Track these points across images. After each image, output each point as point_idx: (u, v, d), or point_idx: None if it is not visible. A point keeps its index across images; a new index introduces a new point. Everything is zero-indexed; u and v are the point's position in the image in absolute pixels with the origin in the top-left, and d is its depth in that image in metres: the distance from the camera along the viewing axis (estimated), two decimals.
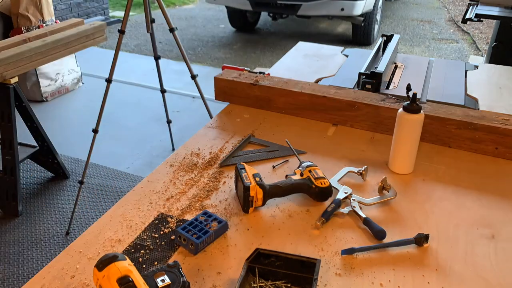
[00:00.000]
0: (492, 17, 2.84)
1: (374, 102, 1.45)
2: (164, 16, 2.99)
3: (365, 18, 5.75)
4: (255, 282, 0.87)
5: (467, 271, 0.92)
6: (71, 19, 2.92)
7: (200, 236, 0.95)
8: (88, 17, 6.60)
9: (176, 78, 4.70)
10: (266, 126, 1.50)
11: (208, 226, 0.98)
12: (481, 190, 1.18)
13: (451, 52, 5.98)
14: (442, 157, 1.34)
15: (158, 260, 0.93)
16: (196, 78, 3.19)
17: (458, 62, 2.13)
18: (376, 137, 1.45)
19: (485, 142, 1.33)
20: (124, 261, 0.74)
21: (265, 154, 1.33)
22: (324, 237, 1.00)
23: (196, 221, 1.00)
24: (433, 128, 1.38)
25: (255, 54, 5.79)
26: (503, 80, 1.91)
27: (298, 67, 2.04)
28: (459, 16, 7.43)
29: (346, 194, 1.11)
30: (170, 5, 8.33)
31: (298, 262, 0.87)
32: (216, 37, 6.48)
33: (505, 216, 1.09)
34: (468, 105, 1.62)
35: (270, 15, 6.28)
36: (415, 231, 1.00)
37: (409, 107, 1.19)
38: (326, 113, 1.52)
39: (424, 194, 1.16)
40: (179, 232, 0.96)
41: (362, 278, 0.89)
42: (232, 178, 1.20)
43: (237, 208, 1.09)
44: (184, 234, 0.96)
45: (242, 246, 0.97)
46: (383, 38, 2.11)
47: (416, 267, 0.92)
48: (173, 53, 5.67)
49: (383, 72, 1.66)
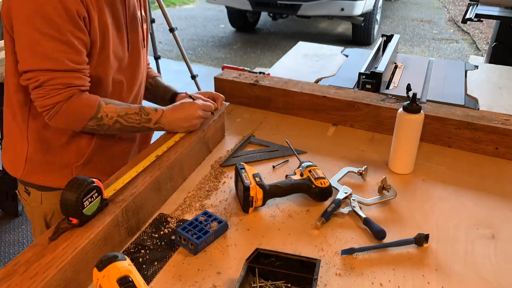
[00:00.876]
0: (492, 17, 2.84)
1: (374, 102, 1.45)
2: (164, 16, 2.99)
3: (365, 18, 5.75)
4: (255, 282, 0.87)
5: (467, 271, 0.92)
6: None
7: (200, 236, 0.95)
8: None
9: (176, 78, 4.70)
10: (266, 126, 1.50)
11: (208, 226, 0.98)
12: (481, 190, 1.18)
13: (451, 52, 5.98)
14: (442, 157, 1.34)
15: (158, 260, 0.93)
16: (196, 78, 3.19)
17: (458, 62, 2.13)
18: (376, 137, 1.45)
19: (485, 142, 1.33)
20: (124, 261, 0.74)
21: (265, 154, 1.33)
22: (324, 237, 1.00)
23: (196, 221, 0.99)
24: (433, 128, 1.38)
25: (255, 54, 5.80)
26: (503, 80, 1.91)
27: (298, 67, 2.04)
28: (459, 16, 7.43)
29: (346, 194, 1.11)
30: (170, 5, 8.33)
31: (298, 262, 0.87)
32: (216, 37, 6.48)
33: (505, 216, 1.09)
34: (468, 105, 1.62)
35: (270, 15, 6.29)
36: (415, 231, 1.00)
37: (409, 107, 1.19)
38: (326, 113, 1.52)
39: (424, 194, 1.16)
40: (179, 232, 0.96)
41: (362, 278, 0.89)
42: (232, 178, 1.20)
43: (237, 208, 1.09)
44: (184, 234, 0.95)
45: (242, 246, 0.97)
46: (383, 38, 2.11)
47: (416, 267, 0.92)
48: (173, 53, 5.67)
49: (383, 72, 1.66)
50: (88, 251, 0.85)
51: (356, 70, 1.75)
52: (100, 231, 0.88)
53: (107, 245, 0.91)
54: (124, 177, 1.04)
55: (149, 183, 1.04)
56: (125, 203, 0.96)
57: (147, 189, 1.03)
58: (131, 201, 0.97)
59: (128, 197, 0.98)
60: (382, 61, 1.80)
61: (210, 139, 1.32)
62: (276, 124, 1.52)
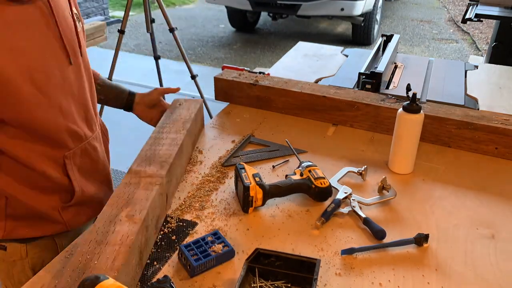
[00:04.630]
0: (492, 17, 2.84)
1: (374, 102, 1.45)
2: (164, 16, 2.99)
3: (365, 18, 5.75)
4: (255, 282, 0.87)
5: (467, 271, 0.92)
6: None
7: (199, 258, 0.88)
8: (88, 17, 6.61)
9: (176, 78, 4.71)
10: (266, 126, 1.50)
11: (211, 248, 0.90)
12: (481, 190, 1.18)
13: (451, 52, 5.98)
14: (442, 157, 1.34)
15: (158, 260, 0.93)
16: (196, 78, 3.19)
17: (458, 62, 2.13)
18: (376, 137, 1.45)
19: (485, 142, 1.33)
20: (107, 280, 0.67)
21: (265, 154, 1.33)
22: (324, 237, 1.00)
23: (203, 240, 0.92)
24: (433, 128, 1.38)
25: (255, 54, 5.80)
26: (503, 80, 1.91)
27: (298, 67, 2.04)
28: (459, 16, 7.43)
29: (346, 194, 1.11)
30: (170, 5, 8.33)
31: (298, 262, 0.87)
32: (216, 37, 6.48)
33: (505, 216, 1.09)
34: (468, 105, 1.62)
35: (270, 15, 6.28)
36: (415, 231, 1.00)
37: (409, 107, 1.19)
38: (326, 113, 1.52)
39: (424, 194, 1.16)
40: (181, 250, 0.90)
41: (362, 278, 0.89)
42: (232, 178, 1.20)
43: (237, 208, 1.09)
44: (185, 252, 0.88)
45: (242, 246, 0.97)
46: (383, 38, 2.11)
47: (416, 267, 0.92)
48: (173, 53, 5.67)
49: (383, 72, 1.66)
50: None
51: (356, 70, 1.75)
52: None
53: None
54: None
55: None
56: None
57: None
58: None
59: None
60: (382, 61, 1.80)
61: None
62: (276, 124, 1.52)
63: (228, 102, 1.66)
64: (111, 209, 0.93)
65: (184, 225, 1.03)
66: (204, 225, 1.03)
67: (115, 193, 0.98)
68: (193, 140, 1.35)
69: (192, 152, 1.32)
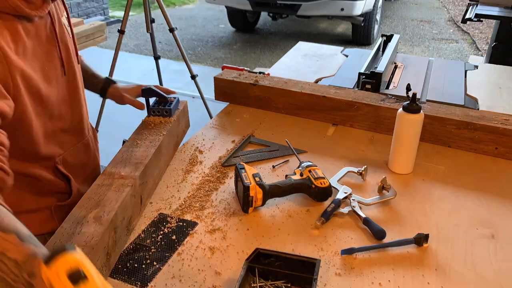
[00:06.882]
0: (492, 17, 2.84)
1: (374, 102, 1.45)
2: (164, 16, 2.99)
3: (365, 18, 5.75)
4: (255, 282, 0.87)
5: (467, 271, 0.92)
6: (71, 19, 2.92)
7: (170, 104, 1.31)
8: (88, 17, 6.61)
9: (176, 78, 4.70)
10: (266, 126, 1.50)
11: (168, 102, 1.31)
12: (481, 190, 1.18)
13: (451, 52, 5.98)
14: (442, 157, 1.34)
15: (158, 260, 0.93)
16: (196, 78, 3.19)
17: (458, 62, 2.13)
18: (376, 137, 1.45)
19: (485, 142, 1.33)
20: (74, 251, 0.61)
21: (265, 154, 1.33)
22: (324, 237, 1.00)
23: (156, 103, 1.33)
24: (433, 128, 1.38)
25: (255, 54, 5.80)
26: (503, 80, 1.91)
27: (298, 67, 2.04)
28: (459, 16, 7.43)
29: (346, 194, 1.11)
30: (170, 5, 8.33)
31: (298, 262, 0.87)
32: (216, 37, 6.48)
33: (505, 216, 1.09)
34: (468, 105, 1.62)
35: (270, 15, 6.29)
36: (415, 231, 1.00)
37: (409, 107, 1.19)
38: (326, 113, 1.52)
39: (424, 194, 1.16)
40: (152, 108, 1.30)
41: (362, 278, 0.89)
42: (232, 178, 1.20)
43: (237, 208, 1.09)
44: (159, 108, 1.30)
45: (242, 246, 0.97)
46: (383, 38, 2.11)
47: (415, 267, 0.92)
48: (173, 53, 5.67)
49: (383, 72, 1.66)
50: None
51: (356, 70, 1.75)
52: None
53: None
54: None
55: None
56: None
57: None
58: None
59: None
60: (382, 61, 1.81)
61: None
62: (276, 124, 1.52)
63: (228, 102, 1.66)
64: (80, 211, 0.92)
65: (184, 225, 1.03)
66: (204, 225, 1.03)
67: (86, 194, 0.98)
68: (175, 141, 1.34)
69: (174, 153, 1.32)
